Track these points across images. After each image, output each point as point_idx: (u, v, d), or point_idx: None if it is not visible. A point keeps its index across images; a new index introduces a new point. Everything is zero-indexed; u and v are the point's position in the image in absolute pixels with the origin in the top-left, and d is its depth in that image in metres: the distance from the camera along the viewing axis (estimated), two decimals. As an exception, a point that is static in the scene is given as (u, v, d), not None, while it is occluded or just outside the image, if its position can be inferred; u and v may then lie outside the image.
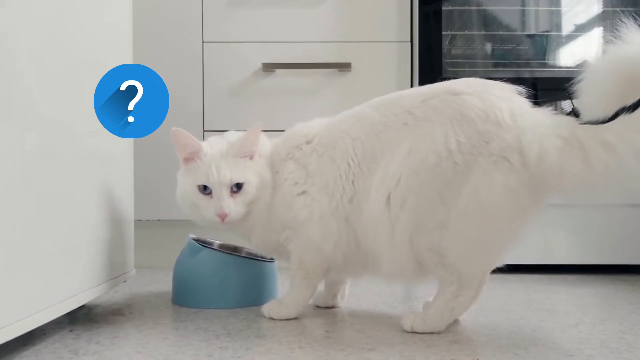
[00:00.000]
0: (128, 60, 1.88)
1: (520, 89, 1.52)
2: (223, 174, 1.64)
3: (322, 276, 1.74)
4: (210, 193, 1.66)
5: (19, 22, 1.25)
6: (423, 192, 1.48)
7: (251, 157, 1.69)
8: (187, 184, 1.71)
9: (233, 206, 1.64)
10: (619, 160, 1.37)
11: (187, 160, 1.74)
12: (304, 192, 1.67)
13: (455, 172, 1.46)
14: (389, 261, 1.57)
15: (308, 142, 1.71)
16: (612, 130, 1.39)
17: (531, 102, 1.50)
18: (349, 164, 1.61)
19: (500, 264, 1.59)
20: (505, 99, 1.49)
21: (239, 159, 1.68)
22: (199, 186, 1.67)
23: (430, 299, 1.65)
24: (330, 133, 1.68)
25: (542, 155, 1.42)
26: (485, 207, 1.45)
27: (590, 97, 1.47)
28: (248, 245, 1.92)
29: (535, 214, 1.51)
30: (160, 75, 2.62)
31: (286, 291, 1.77)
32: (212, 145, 1.73)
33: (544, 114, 1.49)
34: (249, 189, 1.66)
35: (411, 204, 1.49)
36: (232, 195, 1.65)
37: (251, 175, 1.67)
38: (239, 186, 1.65)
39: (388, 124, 1.57)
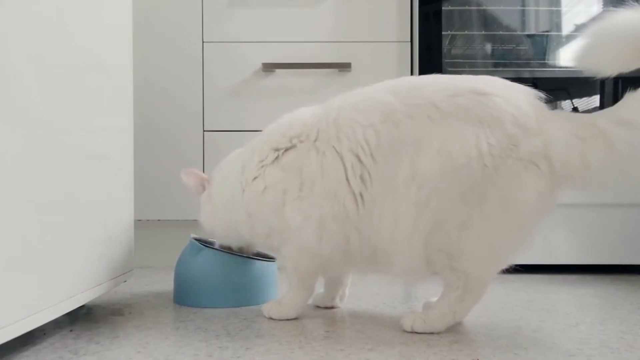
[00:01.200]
0: (128, 60, 1.88)
1: (540, 94, 1.52)
2: None
3: (318, 276, 1.74)
4: None
5: (19, 21, 1.25)
6: (448, 193, 1.47)
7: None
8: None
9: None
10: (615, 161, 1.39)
11: None
12: (297, 198, 1.64)
13: (484, 175, 1.44)
14: (404, 260, 1.55)
15: (301, 140, 1.68)
16: (629, 107, 1.40)
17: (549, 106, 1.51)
18: (358, 157, 1.56)
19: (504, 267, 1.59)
20: (530, 104, 1.48)
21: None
22: None
23: (432, 299, 1.65)
24: (334, 123, 1.62)
25: (567, 162, 1.43)
26: (514, 211, 1.45)
27: (595, 59, 1.46)
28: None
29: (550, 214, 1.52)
30: (160, 75, 2.64)
31: (285, 291, 1.77)
32: None
33: (564, 117, 1.49)
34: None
35: (435, 203, 1.48)
36: None
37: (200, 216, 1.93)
38: None
39: (409, 113, 1.52)
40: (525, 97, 1.50)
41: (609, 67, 1.44)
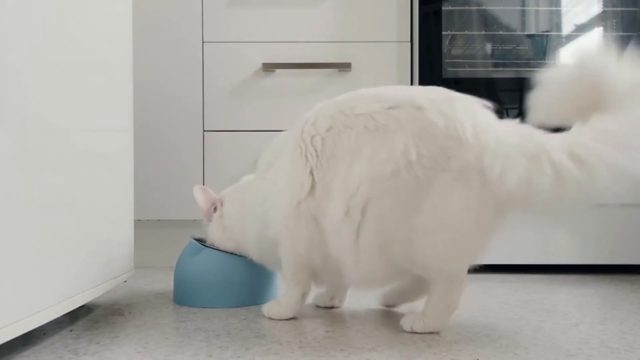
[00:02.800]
0: (128, 60, 1.88)
1: (487, 103, 1.53)
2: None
3: (308, 276, 1.72)
4: None
5: (19, 21, 1.25)
6: (385, 202, 1.48)
7: (209, 219, 1.96)
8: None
9: None
10: (590, 175, 1.37)
11: None
12: (265, 201, 1.73)
13: (418, 186, 1.45)
14: (353, 270, 1.58)
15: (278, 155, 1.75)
16: (582, 143, 1.39)
17: (498, 115, 1.51)
18: (307, 158, 1.60)
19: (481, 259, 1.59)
20: (470, 115, 1.48)
21: (205, 226, 1.99)
22: None
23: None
24: (301, 134, 1.65)
25: (503, 175, 1.41)
26: (445, 223, 1.46)
27: (546, 103, 1.52)
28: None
29: (505, 223, 1.52)
30: (160, 75, 2.64)
31: (284, 291, 1.78)
32: None
33: (511, 128, 1.48)
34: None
35: (373, 212, 1.49)
36: None
37: (207, 238, 1.98)
38: None
39: (349, 124, 1.55)
40: (465, 108, 1.50)
41: (553, 121, 1.50)
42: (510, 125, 1.50)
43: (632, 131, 1.40)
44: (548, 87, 1.51)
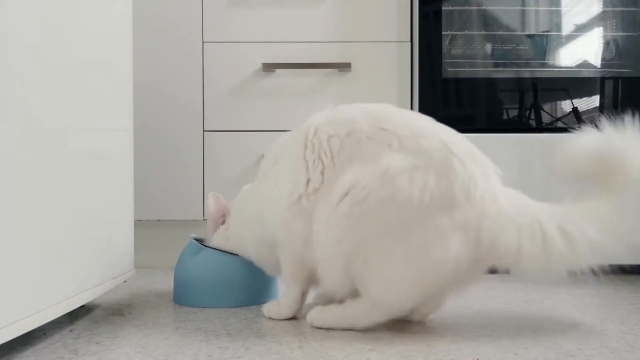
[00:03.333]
0: (128, 60, 1.88)
1: (498, 169, 1.57)
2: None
3: (307, 276, 1.71)
4: None
5: (19, 21, 1.25)
6: (379, 219, 1.48)
7: (217, 228, 1.95)
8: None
9: None
10: (575, 251, 1.45)
11: None
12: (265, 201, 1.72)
13: (418, 213, 1.46)
14: (324, 276, 1.61)
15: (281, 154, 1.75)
16: (573, 220, 1.47)
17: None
18: (319, 156, 1.59)
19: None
20: (484, 178, 1.51)
21: (210, 233, 1.98)
22: None
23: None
24: (315, 134, 1.64)
25: (494, 245, 1.47)
26: (430, 265, 1.47)
27: (565, 164, 1.60)
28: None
29: (478, 280, 1.58)
30: (160, 76, 2.64)
31: (283, 291, 1.78)
32: None
33: (512, 197, 1.53)
34: None
35: (363, 225, 1.49)
36: None
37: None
38: None
39: (372, 135, 1.55)
40: (482, 170, 1.53)
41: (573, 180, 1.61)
42: (512, 194, 1.55)
43: (620, 220, 1.48)
44: (573, 148, 1.58)
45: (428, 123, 1.61)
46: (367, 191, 1.48)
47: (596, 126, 1.55)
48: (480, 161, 1.55)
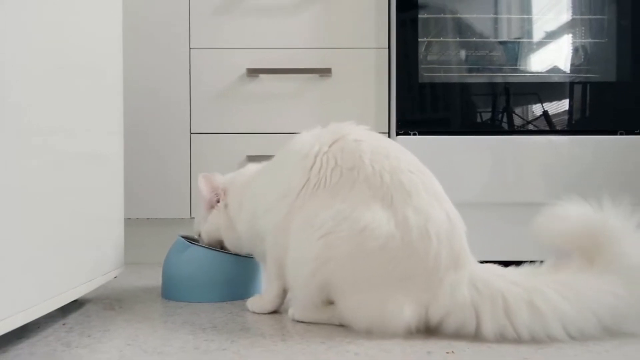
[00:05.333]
0: (119, 65, 1.88)
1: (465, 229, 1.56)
2: (195, 225, 2.02)
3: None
4: None
5: (10, 26, 1.25)
6: (345, 266, 1.49)
7: (212, 207, 1.93)
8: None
9: (203, 240, 1.98)
10: (542, 323, 1.40)
11: None
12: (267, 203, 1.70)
13: (378, 277, 1.48)
14: (295, 289, 1.63)
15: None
16: (545, 295, 1.41)
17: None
18: (319, 180, 1.57)
19: None
20: (453, 261, 1.49)
21: (205, 212, 1.94)
22: None
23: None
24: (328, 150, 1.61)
25: (444, 322, 1.46)
26: (383, 320, 1.47)
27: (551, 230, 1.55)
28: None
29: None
30: (149, 81, 2.64)
31: (266, 286, 1.79)
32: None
33: (480, 277, 1.48)
34: (203, 236, 1.96)
35: (332, 265, 1.50)
36: (200, 235, 1.98)
37: (206, 225, 1.94)
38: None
39: (372, 183, 1.52)
40: (456, 246, 1.50)
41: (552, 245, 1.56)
42: (484, 270, 1.52)
43: (597, 298, 1.41)
44: (557, 218, 1.54)
45: (428, 181, 1.58)
46: (341, 239, 1.48)
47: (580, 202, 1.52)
48: (457, 233, 1.53)
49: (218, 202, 1.92)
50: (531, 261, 1.56)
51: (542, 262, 1.53)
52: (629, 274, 1.42)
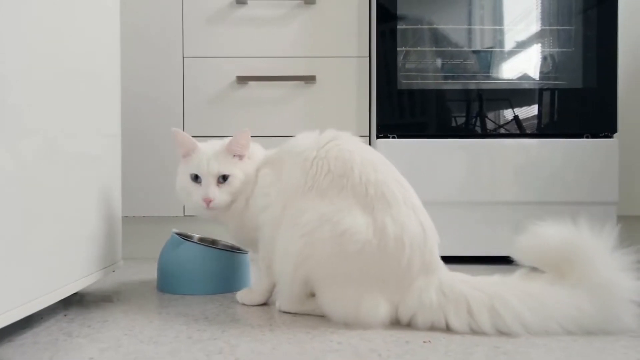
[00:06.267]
0: (117, 72, 1.88)
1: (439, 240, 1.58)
2: (212, 166, 1.71)
3: None
4: (200, 182, 1.72)
5: (9, 31, 1.26)
6: (325, 263, 1.51)
7: (240, 158, 1.76)
8: (183, 173, 1.77)
9: (217, 194, 1.70)
10: (502, 326, 1.42)
11: (185, 155, 1.78)
12: (266, 195, 1.69)
13: (354, 276, 1.49)
14: (279, 285, 1.64)
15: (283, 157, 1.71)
16: (509, 303, 1.43)
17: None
18: (313, 180, 1.57)
19: None
20: (425, 268, 1.51)
21: (229, 157, 1.75)
22: (191, 175, 1.74)
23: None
24: (325, 153, 1.61)
25: (411, 320, 1.49)
26: (358, 318, 1.49)
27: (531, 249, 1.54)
28: (226, 236, 1.93)
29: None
30: (145, 87, 2.65)
31: (255, 280, 1.79)
32: (207, 145, 1.79)
33: (448, 284, 1.50)
34: (233, 181, 1.72)
35: (317, 260, 1.52)
36: (218, 185, 1.71)
37: (236, 170, 1.73)
38: (225, 178, 1.71)
39: (357, 191, 1.53)
40: (427, 257, 1.52)
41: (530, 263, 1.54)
42: (452, 278, 1.53)
43: (562, 309, 1.43)
44: (538, 238, 1.53)
45: (408, 194, 1.58)
46: (322, 240, 1.50)
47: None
48: (429, 243, 1.54)
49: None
50: (504, 257, 1.57)
51: (517, 265, 1.54)
52: (596, 291, 1.42)
